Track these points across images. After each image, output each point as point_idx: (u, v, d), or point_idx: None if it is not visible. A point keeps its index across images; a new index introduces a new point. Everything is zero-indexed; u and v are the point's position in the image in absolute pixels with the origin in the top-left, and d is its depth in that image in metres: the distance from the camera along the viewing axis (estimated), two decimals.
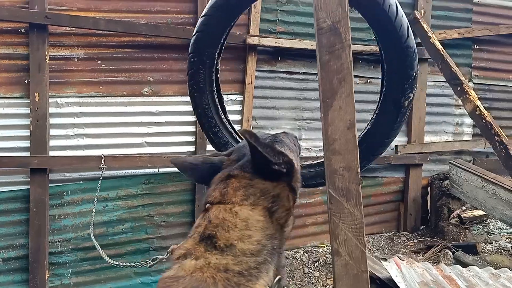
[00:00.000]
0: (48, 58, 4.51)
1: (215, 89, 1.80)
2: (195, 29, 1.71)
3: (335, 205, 1.28)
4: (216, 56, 1.75)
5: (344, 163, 1.27)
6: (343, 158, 1.27)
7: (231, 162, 1.51)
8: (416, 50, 1.58)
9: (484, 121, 4.53)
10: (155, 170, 4.89)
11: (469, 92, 4.70)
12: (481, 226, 5.28)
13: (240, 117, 5.22)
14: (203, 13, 1.67)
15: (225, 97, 5.03)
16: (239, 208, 1.33)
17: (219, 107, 1.86)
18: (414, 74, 1.58)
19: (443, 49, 5.26)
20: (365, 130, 1.77)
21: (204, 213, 1.37)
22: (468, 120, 5.98)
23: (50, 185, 4.61)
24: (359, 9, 1.54)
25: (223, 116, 1.90)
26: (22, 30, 4.46)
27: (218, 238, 1.26)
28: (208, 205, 1.39)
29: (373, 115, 1.78)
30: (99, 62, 4.72)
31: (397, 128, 1.70)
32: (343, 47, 1.26)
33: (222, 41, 1.73)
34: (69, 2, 4.60)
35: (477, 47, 6.27)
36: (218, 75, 1.86)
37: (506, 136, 5.61)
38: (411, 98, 1.61)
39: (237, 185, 1.38)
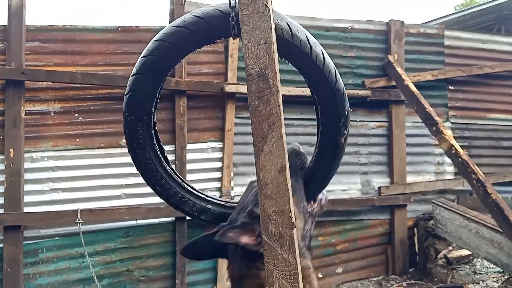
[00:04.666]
0: (24, 113, 4.50)
1: (155, 142, 1.79)
2: (128, 88, 1.66)
3: (269, 252, 1.26)
4: (153, 111, 1.75)
5: (277, 208, 1.25)
6: (275, 202, 1.25)
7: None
8: (345, 92, 1.71)
9: (460, 159, 4.55)
10: (134, 222, 4.77)
11: (444, 132, 4.75)
12: (468, 266, 5.17)
13: (221, 164, 5.19)
14: (134, 71, 1.64)
15: (205, 145, 5.13)
16: None
17: (162, 159, 1.84)
18: (346, 113, 1.71)
19: (417, 91, 5.36)
20: (309, 168, 1.84)
21: None
22: (449, 159, 5.99)
23: (24, 242, 4.45)
24: (288, 59, 1.63)
25: (167, 167, 1.87)
26: None
27: None
28: None
29: (314, 153, 1.87)
30: (75, 115, 4.71)
31: (337, 164, 1.81)
32: (271, 92, 1.28)
33: (157, 95, 1.73)
34: (46, 58, 4.66)
35: (452, 87, 6.41)
36: (156, 128, 1.84)
37: (488, 173, 5.64)
38: (346, 135, 1.74)
39: None
